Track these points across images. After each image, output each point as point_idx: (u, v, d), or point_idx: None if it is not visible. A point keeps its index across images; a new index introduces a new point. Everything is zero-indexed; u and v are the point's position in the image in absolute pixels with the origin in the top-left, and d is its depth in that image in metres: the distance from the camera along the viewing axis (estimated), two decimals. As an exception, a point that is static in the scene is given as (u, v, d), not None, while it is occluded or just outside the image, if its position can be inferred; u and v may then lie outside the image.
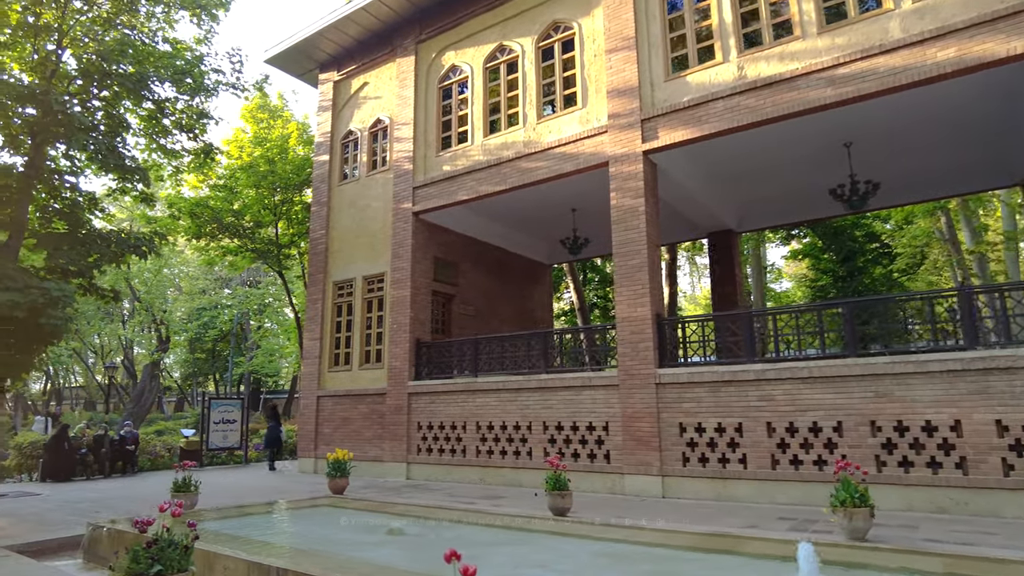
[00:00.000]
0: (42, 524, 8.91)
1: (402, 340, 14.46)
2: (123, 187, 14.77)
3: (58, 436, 14.80)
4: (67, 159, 13.62)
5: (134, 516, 9.20)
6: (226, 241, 19.47)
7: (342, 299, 16.20)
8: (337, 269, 16.40)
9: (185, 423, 26.82)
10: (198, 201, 17.76)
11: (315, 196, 17.36)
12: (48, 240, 13.33)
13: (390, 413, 14.34)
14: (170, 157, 15.97)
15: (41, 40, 13.51)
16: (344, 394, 15.41)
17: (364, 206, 16.15)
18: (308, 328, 16.59)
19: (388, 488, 12.37)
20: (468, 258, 16.88)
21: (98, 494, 12.33)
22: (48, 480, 14.56)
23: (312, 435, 15.83)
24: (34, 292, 11.12)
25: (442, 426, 13.51)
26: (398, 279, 14.83)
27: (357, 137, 16.82)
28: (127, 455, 15.87)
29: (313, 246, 16.98)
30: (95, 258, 13.52)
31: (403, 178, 15.23)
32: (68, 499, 11.62)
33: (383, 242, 15.48)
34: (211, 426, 17.81)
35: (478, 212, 15.60)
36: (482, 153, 14.02)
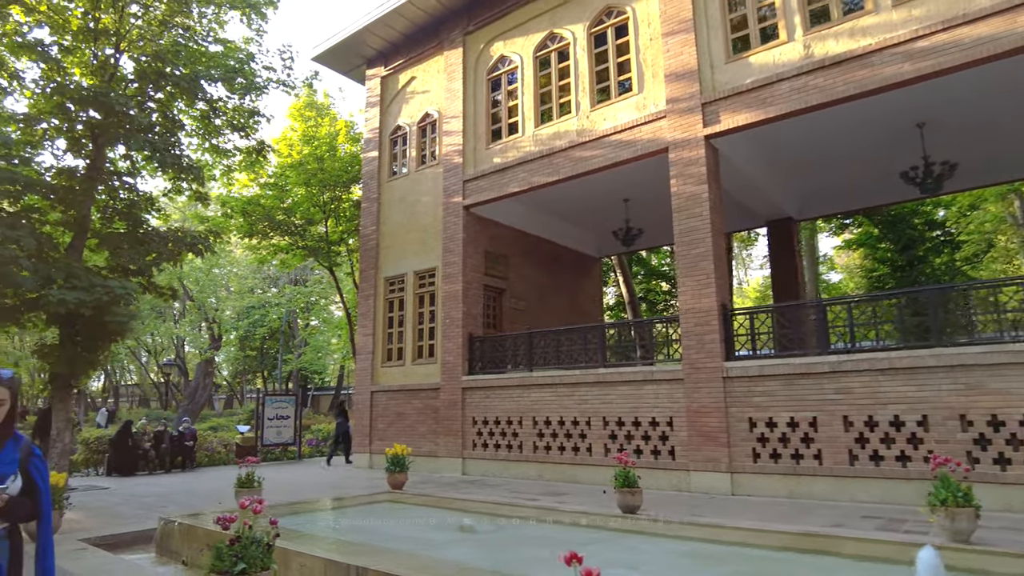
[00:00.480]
0: (114, 518, 9.03)
1: (455, 335, 14.34)
2: (178, 187, 14.96)
3: (122, 432, 15.13)
4: (126, 159, 13.85)
5: (198, 510, 9.26)
6: (276, 239, 19.66)
7: (393, 295, 16.17)
8: (388, 265, 16.38)
9: (238, 419, 27.33)
10: (250, 199, 17.96)
11: (365, 192, 17.37)
12: (109, 240, 13.55)
13: (444, 408, 14.25)
14: (221, 156, 16.12)
15: (100, 44, 13.75)
16: (398, 389, 15.38)
17: (414, 201, 16.08)
18: (360, 324, 16.63)
19: (445, 484, 12.26)
20: (518, 252, 16.67)
21: (162, 489, 12.54)
22: (114, 474, 14.90)
23: (367, 430, 15.85)
24: (99, 290, 11.30)
25: (497, 421, 13.35)
26: (450, 273, 14.71)
27: (406, 132, 16.75)
28: (186, 451, 16.15)
29: (364, 242, 17.00)
30: (153, 257, 13.71)
31: (453, 172, 15.10)
32: (134, 493, 11.82)
33: (434, 237, 15.38)
34: (265, 422, 18.02)
35: (528, 204, 15.40)
36: (533, 144, 13.79)
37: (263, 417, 17.99)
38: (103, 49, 14.02)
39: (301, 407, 19.06)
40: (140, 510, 9.73)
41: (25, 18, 12.55)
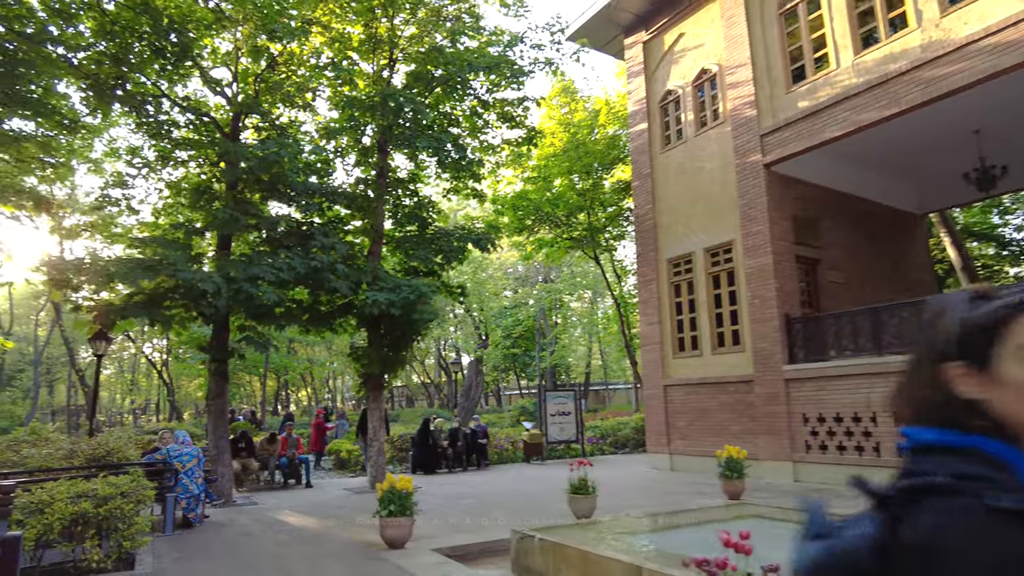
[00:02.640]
0: (448, 524, 8.56)
1: (767, 317, 12.21)
2: (456, 186, 14.94)
3: (422, 430, 15.47)
4: (411, 159, 14.07)
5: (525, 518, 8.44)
6: (542, 233, 19.19)
7: (679, 277, 14.48)
8: (670, 245, 14.74)
9: (511, 416, 27.73)
10: (518, 194, 17.66)
11: (635, 169, 15.96)
12: (401, 243, 13.86)
13: (761, 403, 12.19)
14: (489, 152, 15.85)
15: (378, 55, 14.12)
16: (697, 383, 13.65)
17: (696, 169, 14.25)
18: (643, 312, 15.22)
19: (786, 493, 10.23)
20: (827, 214, 13.96)
21: (470, 488, 12.27)
22: (418, 472, 15.26)
23: (663, 428, 14.36)
24: (405, 290, 11.33)
25: (839, 418, 10.95)
26: (753, 246, 12.61)
27: (678, 96, 15.00)
28: (480, 448, 16.12)
29: (639, 223, 15.58)
30: (441, 257, 13.71)
31: (745, 127, 12.98)
32: (448, 494, 11.63)
33: (725, 206, 13.39)
34: (548, 419, 17.47)
35: (836, 156, 12.71)
36: (855, 74, 11.16)
37: (546, 413, 17.46)
38: (379, 60, 14.40)
39: (581, 403, 18.25)
40: (468, 515, 9.24)
41: (321, 38, 13.18)
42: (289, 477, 13.56)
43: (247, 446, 13.29)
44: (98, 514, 6.03)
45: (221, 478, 11.00)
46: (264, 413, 30.76)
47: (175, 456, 8.44)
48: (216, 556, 6.98)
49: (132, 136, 13.98)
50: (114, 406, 50.71)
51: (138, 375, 45.40)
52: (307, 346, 37.76)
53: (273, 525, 8.83)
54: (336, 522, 8.98)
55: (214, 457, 11.17)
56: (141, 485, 6.64)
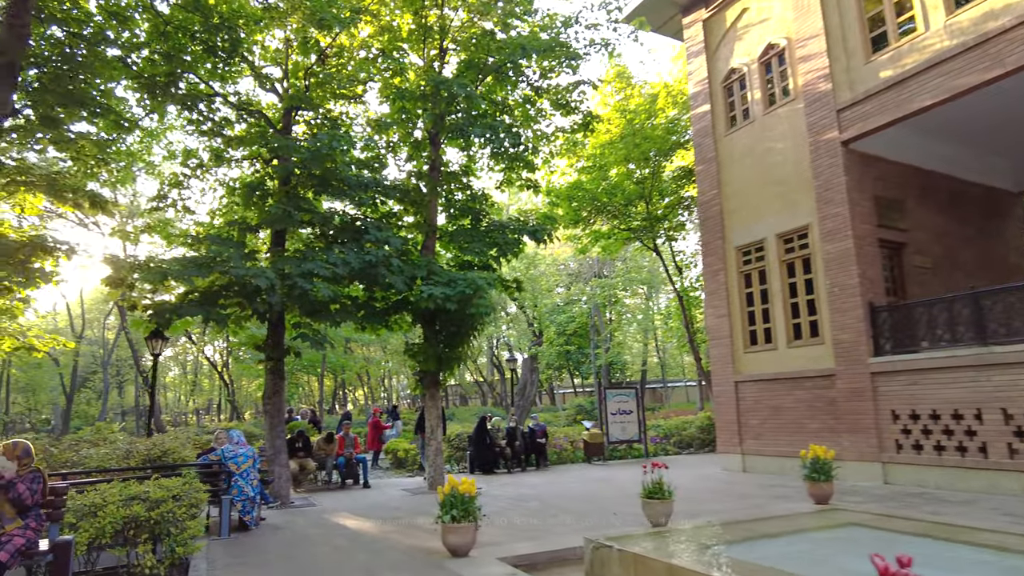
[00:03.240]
0: (513, 529, 8.06)
1: (849, 306, 11.27)
2: (509, 177, 14.45)
3: (479, 429, 15.04)
4: (464, 149, 13.63)
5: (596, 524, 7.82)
6: (598, 224, 18.51)
7: (749, 266, 13.61)
8: (738, 231, 13.89)
9: (566, 415, 27.15)
10: (573, 184, 17.04)
11: (698, 153, 15.14)
12: (455, 237, 13.44)
13: (844, 399, 11.26)
14: (542, 141, 15.29)
15: (429, 45, 13.74)
16: (771, 378, 12.77)
17: (765, 150, 13.36)
18: (710, 304, 14.40)
19: (879, 497, 9.35)
20: (912, 194, 12.86)
21: (532, 490, 11.75)
22: (476, 472, 14.84)
23: (734, 427, 13.52)
24: (461, 284, 10.90)
25: (936, 415, 9.96)
26: (831, 230, 11.69)
27: (743, 74, 14.12)
28: (539, 448, 15.59)
29: (704, 210, 14.76)
30: (496, 251, 13.23)
31: (820, 103, 12.05)
32: (510, 496, 11.14)
33: (799, 188, 12.48)
34: (609, 417, 16.80)
35: (922, 130, 11.67)
36: (948, 36, 10.14)
37: (606, 412, 16.80)
38: (429, 51, 14.02)
39: (642, 401, 17.50)
40: (533, 518, 8.71)
41: (371, 27, 12.89)
42: (347, 477, 13.33)
43: (304, 446, 13.12)
44: (150, 518, 5.76)
45: (278, 479, 10.80)
46: (322, 412, 31.01)
47: (230, 457, 8.21)
48: (271, 563, 6.65)
49: (188, 138, 13.83)
50: (178, 407, 52.42)
51: (201, 376, 46.71)
52: (363, 345, 38.05)
53: (330, 529, 8.51)
54: (395, 526, 8.60)
55: (271, 457, 10.99)
56: (193, 488, 6.37)
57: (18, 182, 8.48)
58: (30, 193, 9.12)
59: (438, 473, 12.13)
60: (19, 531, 5.10)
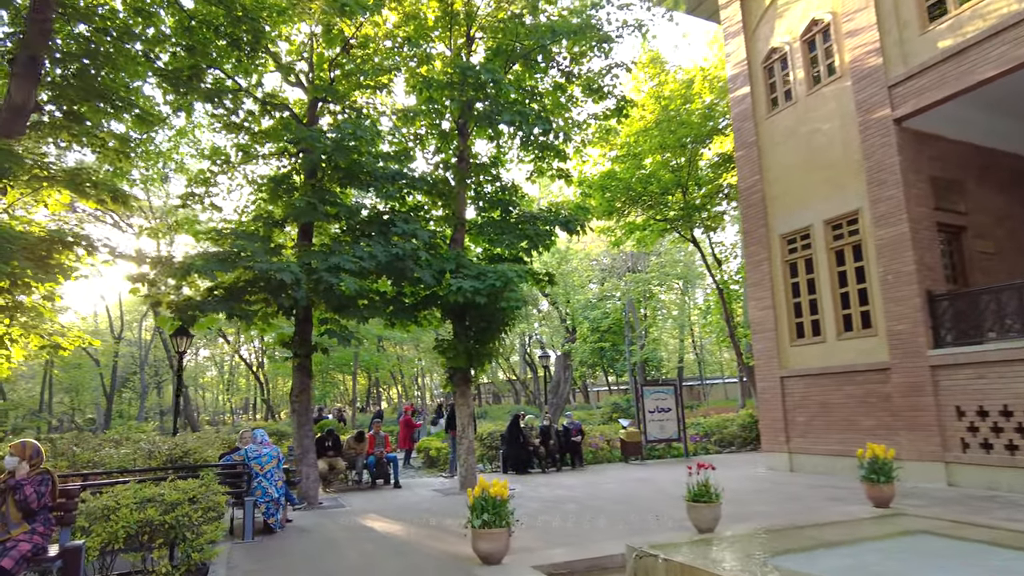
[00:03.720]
0: (548, 534, 7.61)
1: (905, 295, 10.53)
2: (540, 167, 13.99)
3: (512, 427, 14.62)
4: (492, 140, 13.21)
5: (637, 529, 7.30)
6: (632, 216, 17.91)
7: (795, 255, 12.90)
8: (782, 219, 13.19)
9: (602, 413, 26.57)
10: (606, 173, 16.47)
11: (738, 138, 14.45)
12: (484, 228, 13.04)
13: (900, 395, 10.52)
14: (573, 130, 14.78)
15: (456, 33, 13.35)
16: (819, 373, 12.06)
17: (810, 132, 12.64)
18: (753, 296, 13.72)
19: (947, 500, 8.65)
20: (972, 174, 12.01)
21: (568, 492, 11.27)
22: (510, 472, 14.43)
23: (780, 424, 12.84)
24: (491, 276, 10.48)
25: (1007, 412, 9.19)
26: (883, 214, 10.94)
27: (784, 53, 13.40)
28: (574, 447, 15.09)
29: (745, 197, 14.08)
30: (526, 243, 12.78)
31: (870, 79, 11.31)
32: (545, 497, 10.68)
33: (848, 171, 11.75)
34: (647, 415, 16.21)
35: (984, 104, 10.84)
36: (1016, 0, 9.34)
37: (644, 410, 16.21)
38: (456, 39, 13.63)
39: (681, 398, 16.86)
40: (569, 522, 8.25)
41: (396, 14, 12.55)
42: (377, 477, 13.03)
43: (334, 445, 12.86)
44: (164, 522, 5.46)
45: (306, 479, 10.54)
46: (355, 411, 30.97)
47: (253, 457, 7.92)
48: (295, 569, 6.32)
49: (216, 136, 13.70)
50: (216, 406, 53.23)
51: (238, 376, 47.26)
52: (396, 344, 37.97)
53: (358, 532, 8.18)
54: (425, 529, 8.22)
55: (299, 457, 10.74)
56: (211, 490, 6.06)
57: (40, 177, 8.33)
58: (54, 189, 8.98)
59: (470, 473, 11.75)
60: (25, 536, 4.83)
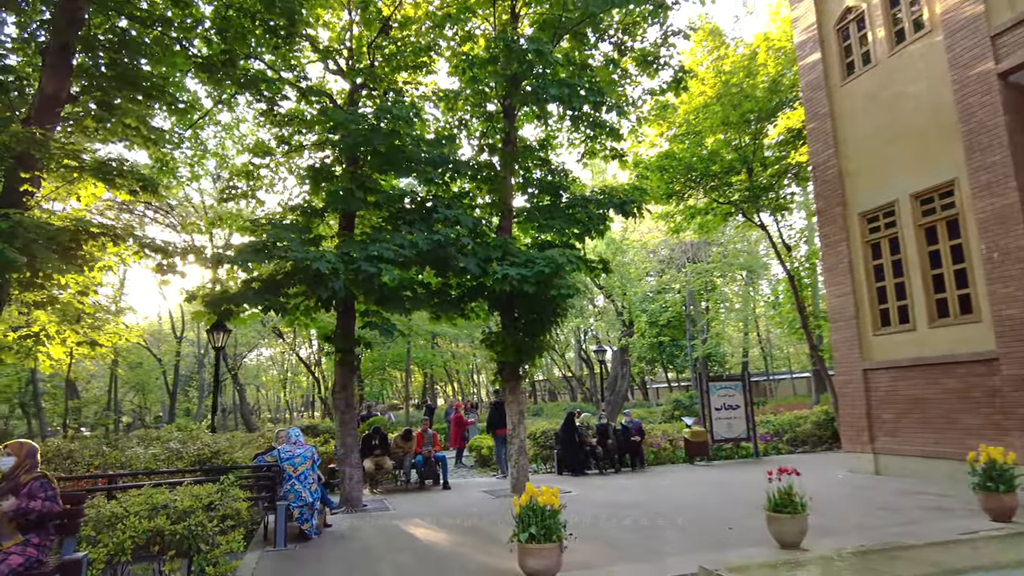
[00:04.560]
0: (606, 546, 6.79)
1: (1015, 275, 9.18)
2: (592, 147, 13.13)
3: (567, 426, 13.81)
4: (539, 119, 12.43)
5: (709, 542, 6.41)
6: (692, 200, 16.78)
7: (877, 234, 11.62)
8: (861, 195, 11.92)
9: (663, 411, 25.44)
10: (665, 153, 15.41)
11: (808, 110, 13.21)
12: (532, 214, 12.28)
13: (1012, 389, 9.18)
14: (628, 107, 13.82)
15: (499, 8, 12.62)
16: (910, 364, 10.78)
17: (893, 97, 11.34)
18: (830, 282, 12.49)
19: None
20: (1090, 137, 10.47)
21: (628, 496, 10.40)
22: (565, 473, 13.64)
23: (863, 422, 11.60)
24: (539, 263, 9.71)
25: None
26: (987, 183, 9.61)
27: (861, 12, 12.10)
28: (634, 447, 14.15)
29: (818, 174, 12.84)
30: (578, 229, 11.93)
31: (968, 30, 9.96)
32: (601, 502, 9.84)
33: (940, 138, 10.43)
34: (713, 413, 15.12)
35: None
36: None
37: (709, 407, 15.12)
38: (500, 16, 12.90)
39: (750, 394, 15.67)
40: (630, 532, 7.40)
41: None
42: (425, 477, 12.46)
43: (381, 443, 12.35)
44: (175, 531, 4.91)
45: (348, 480, 10.02)
46: (408, 407, 30.73)
47: (286, 458, 7.40)
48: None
49: (260, 130, 13.43)
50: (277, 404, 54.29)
51: (300, 375, 47.95)
52: (452, 341, 37.62)
53: (398, 540, 7.55)
54: (470, 537, 7.54)
55: (341, 457, 10.23)
56: (231, 495, 5.51)
57: (70, 168, 8.05)
58: (88, 182, 8.72)
59: (522, 474, 11.01)
60: (18, 548, 4.35)
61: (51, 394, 26.78)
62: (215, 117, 14.94)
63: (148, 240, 7.89)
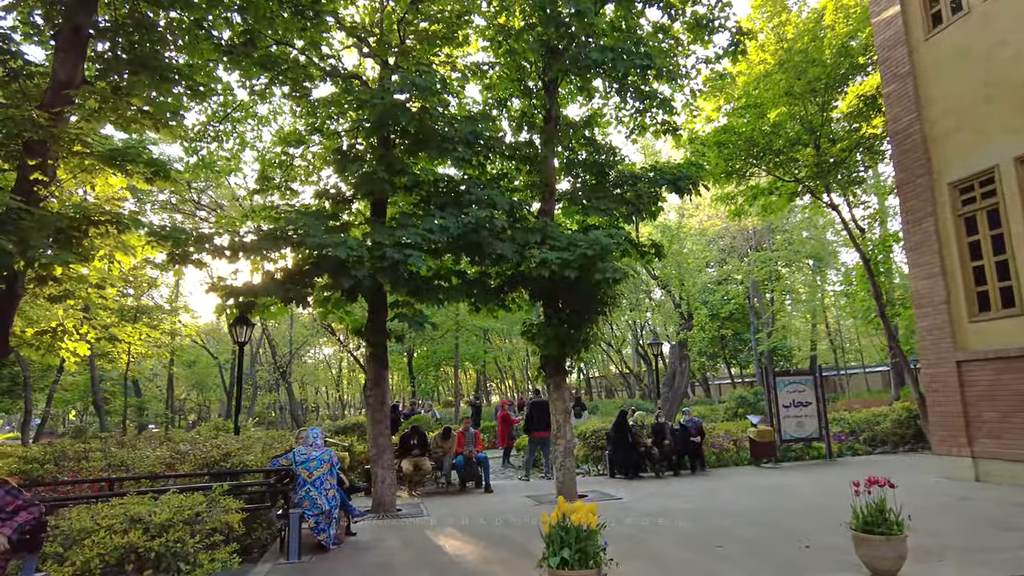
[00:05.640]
0: (657, 567, 5.83)
1: None
2: (641, 122, 12.08)
3: (619, 425, 12.82)
4: (583, 89, 11.46)
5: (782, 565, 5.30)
6: (754, 179, 15.43)
7: (972, 206, 10.17)
8: (952, 162, 10.46)
9: (740, 408, 24.02)
10: (724, 128, 14.13)
11: (886, 71, 11.78)
12: (576, 196, 11.34)
13: None
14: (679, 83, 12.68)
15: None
16: (1017, 355, 9.31)
17: (990, 48, 9.85)
18: (916, 262, 11.07)
19: None
20: None
21: (686, 503, 9.36)
22: (617, 475, 12.66)
23: (959, 421, 10.17)
24: (581, 245, 8.78)
25: None
26: (1111, 139, 8.11)
27: (949, -47, 10.63)
28: (693, 448, 13.03)
29: (898, 142, 11.42)
30: (626, 210, 10.90)
31: (1083, -39, 8.47)
32: (654, 511, 8.85)
33: (1050, 90, 8.94)
34: (781, 411, 13.82)
35: None
36: None
37: (777, 404, 13.83)
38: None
39: (822, 390, 14.27)
40: (686, 549, 6.41)
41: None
42: (466, 479, 11.71)
43: (420, 443, 11.67)
44: (150, 549, 4.25)
45: (380, 483, 9.35)
46: (458, 404, 30.17)
47: (301, 461, 6.73)
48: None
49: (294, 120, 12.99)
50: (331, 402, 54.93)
51: (356, 371, 48.24)
52: (503, 337, 36.89)
53: (425, 553, 6.78)
54: (504, 552, 6.71)
55: (373, 458, 9.58)
56: (220, 506, 4.84)
57: (80, 154, 7.63)
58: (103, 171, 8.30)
59: (568, 478, 10.11)
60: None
61: (111, 392, 27.45)
62: (252, 110, 14.62)
63: (157, 228, 7.37)
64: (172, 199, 13.98)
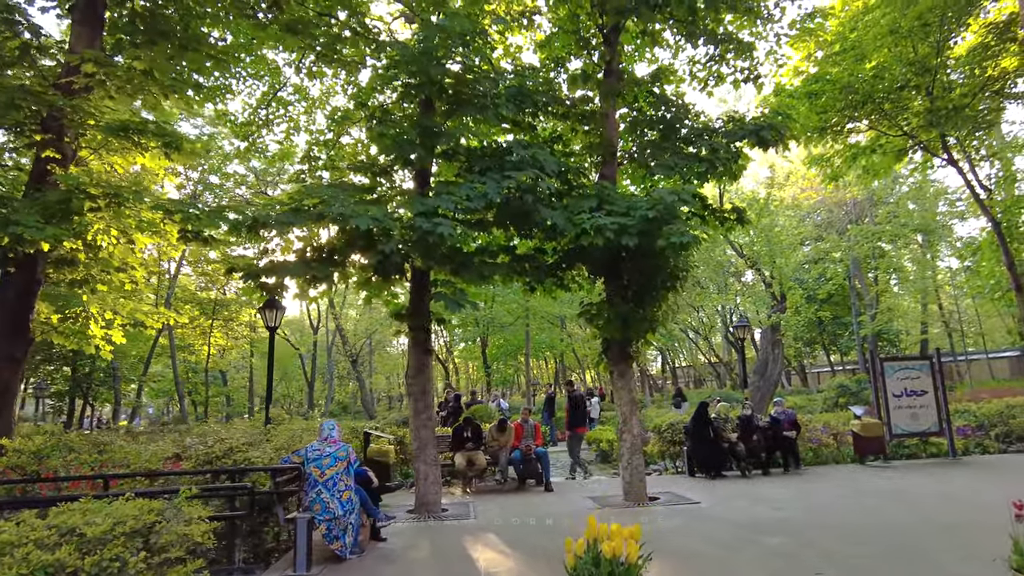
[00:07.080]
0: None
1: None
2: (717, 71, 10.59)
3: (698, 418, 11.39)
4: (644, 36, 10.10)
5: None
6: (852, 139, 13.46)
7: None
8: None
9: (823, 398, 21.85)
10: (816, 77, 12.27)
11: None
12: (638, 155, 10.02)
13: None
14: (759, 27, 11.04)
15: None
16: None
17: None
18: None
19: None
20: None
21: (775, 510, 7.92)
22: (697, 474, 11.27)
23: None
24: (640, 209, 7.49)
25: None
26: None
27: None
28: (786, 443, 11.42)
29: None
30: (700, 169, 9.44)
31: None
32: (737, 517, 7.49)
33: None
34: (890, 400, 11.94)
35: None
36: None
37: (885, 393, 11.96)
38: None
39: (942, 376, 12.24)
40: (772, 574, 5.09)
41: None
42: (525, 476, 10.68)
43: (474, 436, 10.73)
44: (79, 569, 3.46)
45: (423, 480, 8.45)
46: (531, 395, 29.20)
47: (313, 459, 5.88)
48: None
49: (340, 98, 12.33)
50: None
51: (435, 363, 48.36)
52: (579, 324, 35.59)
53: (452, 566, 5.80)
54: (543, 569, 5.60)
55: (416, 452, 8.70)
56: (180, 515, 4.00)
57: (93, 127, 7.13)
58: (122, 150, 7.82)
59: (636, 477, 8.90)
60: None
61: (192, 383, 28.33)
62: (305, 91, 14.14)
63: (164, 203, 6.74)
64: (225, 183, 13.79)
